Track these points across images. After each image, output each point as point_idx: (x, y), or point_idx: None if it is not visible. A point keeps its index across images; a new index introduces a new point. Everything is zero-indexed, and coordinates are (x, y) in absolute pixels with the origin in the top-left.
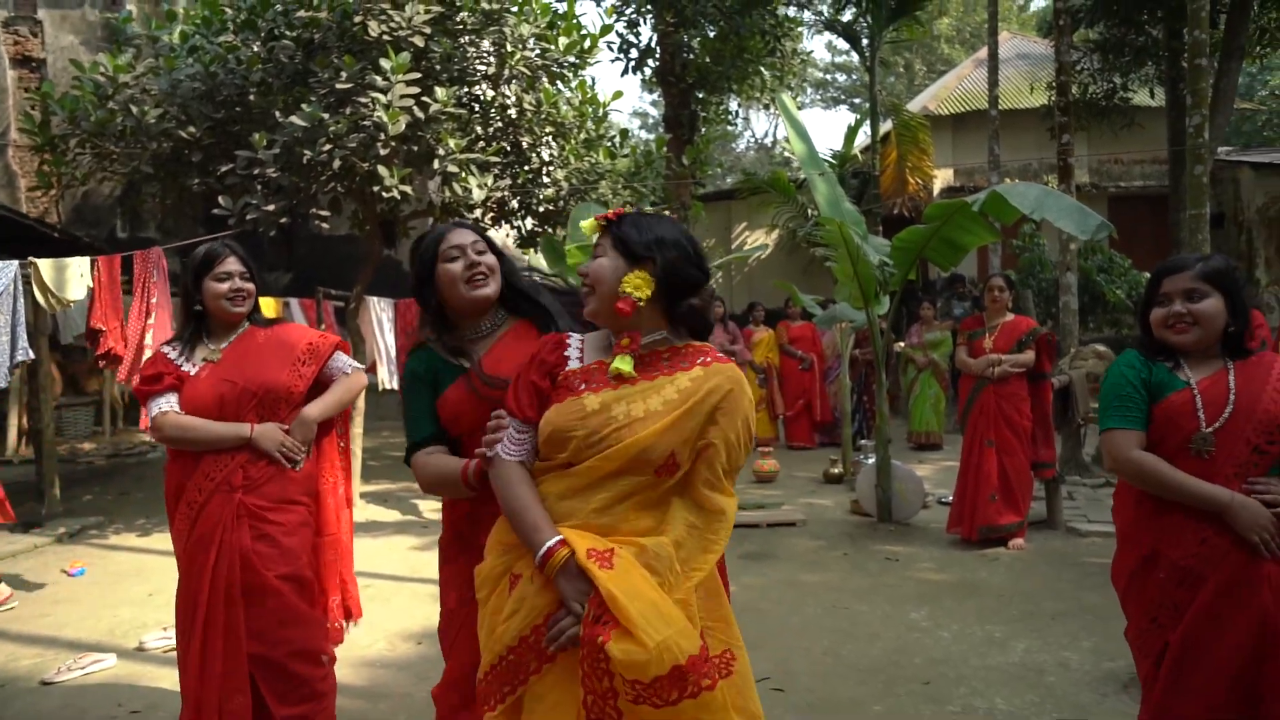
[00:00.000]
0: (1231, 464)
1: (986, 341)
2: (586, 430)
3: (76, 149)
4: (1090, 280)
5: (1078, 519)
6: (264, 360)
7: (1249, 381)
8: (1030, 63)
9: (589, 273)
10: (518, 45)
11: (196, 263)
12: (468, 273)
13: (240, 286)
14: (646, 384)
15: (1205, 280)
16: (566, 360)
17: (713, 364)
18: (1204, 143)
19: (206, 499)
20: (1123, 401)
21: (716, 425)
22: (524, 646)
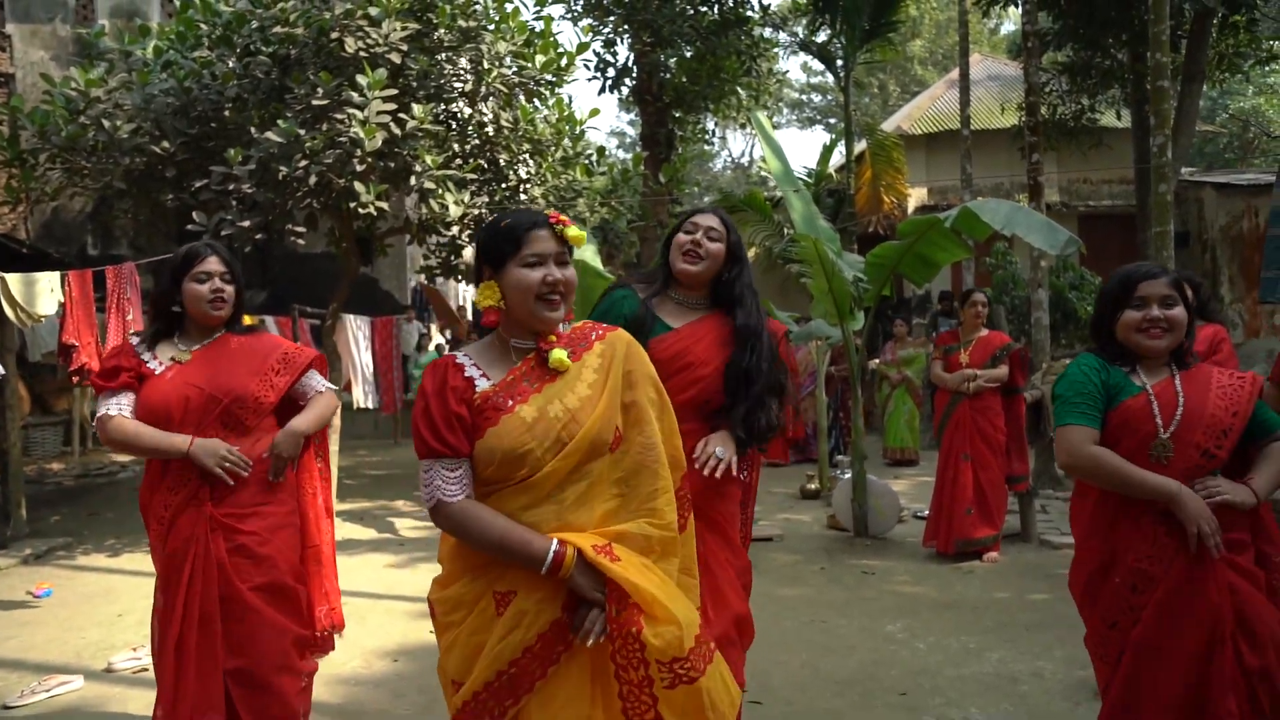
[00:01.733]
0: (1183, 467)
1: (962, 356)
2: (536, 439)
3: (46, 164)
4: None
5: (1050, 531)
6: (235, 367)
7: (1194, 387)
8: (1001, 84)
9: (568, 281)
10: (495, 63)
11: (176, 262)
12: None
13: (221, 289)
14: (564, 376)
15: (1177, 289)
16: (473, 382)
17: (606, 334)
18: (1167, 162)
19: (175, 514)
20: (1082, 399)
21: (632, 387)
22: (528, 657)
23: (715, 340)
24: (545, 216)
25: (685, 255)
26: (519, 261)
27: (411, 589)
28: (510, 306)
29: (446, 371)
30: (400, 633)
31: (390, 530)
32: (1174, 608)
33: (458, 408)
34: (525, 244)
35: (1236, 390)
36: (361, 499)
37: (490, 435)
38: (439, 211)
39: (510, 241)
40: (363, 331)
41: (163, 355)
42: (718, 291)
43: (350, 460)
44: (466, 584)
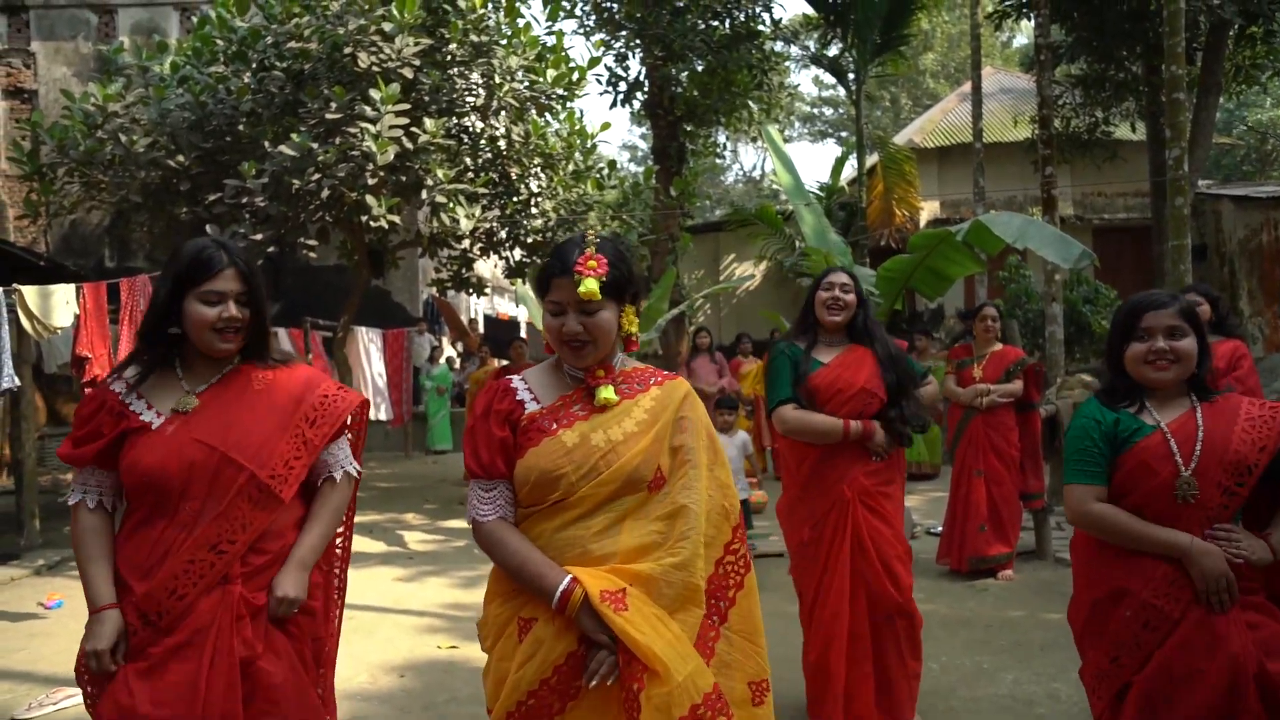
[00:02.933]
0: (1203, 508)
1: (975, 371)
2: (573, 464)
3: (65, 178)
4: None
5: (1066, 549)
6: (257, 416)
7: (1217, 422)
8: (1014, 97)
9: (593, 329)
10: (506, 77)
11: (181, 268)
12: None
13: (233, 317)
14: (615, 409)
15: (1184, 318)
16: (522, 405)
17: (665, 382)
18: (1184, 175)
19: (193, 599)
20: (1081, 455)
21: (683, 432)
22: (545, 689)
23: (859, 367)
24: (572, 259)
25: (828, 308)
26: (545, 305)
27: (419, 603)
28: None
29: (495, 394)
30: (407, 648)
31: (399, 544)
32: (1192, 659)
33: (499, 431)
34: (549, 290)
35: (1267, 424)
36: (371, 512)
37: (530, 455)
38: (450, 225)
39: (540, 284)
40: (374, 343)
41: (158, 399)
42: (852, 329)
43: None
44: (498, 607)
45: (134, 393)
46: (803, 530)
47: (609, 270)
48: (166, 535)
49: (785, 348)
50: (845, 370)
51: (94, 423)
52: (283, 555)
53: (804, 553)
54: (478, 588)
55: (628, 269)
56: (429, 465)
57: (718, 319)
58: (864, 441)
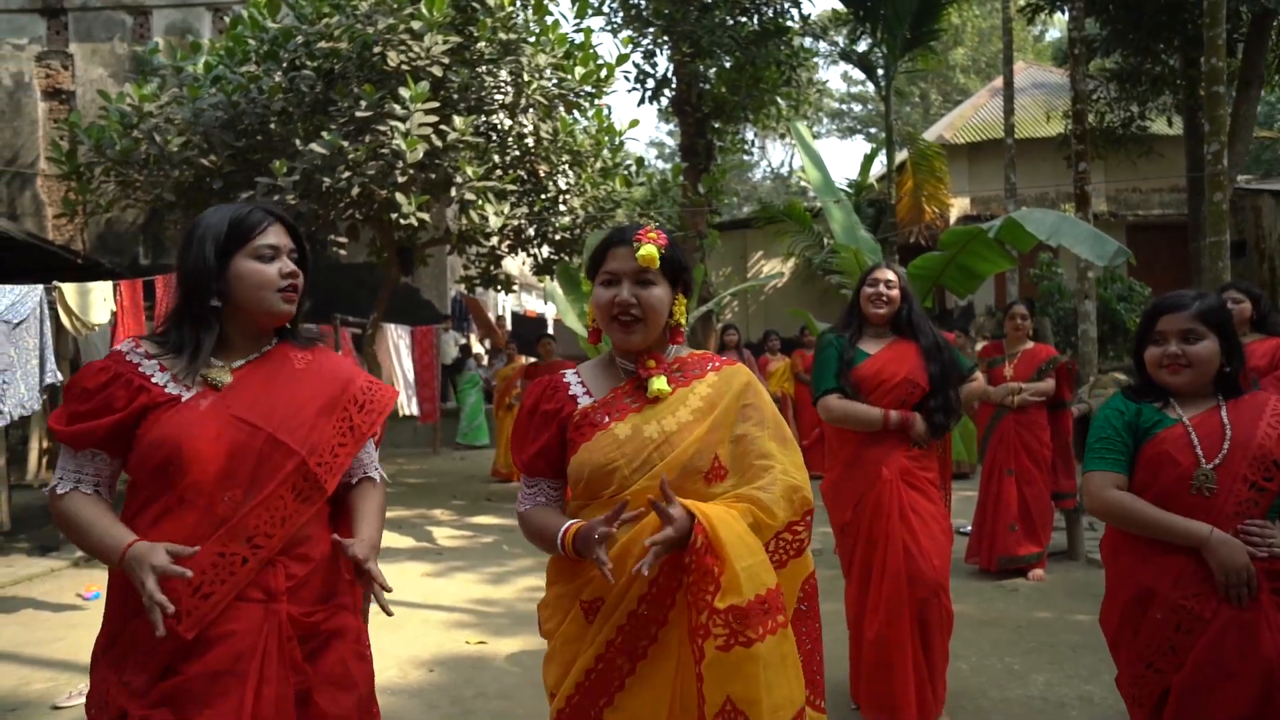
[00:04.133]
0: (1232, 502)
1: (1006, 369)
2: (625, 457)
3: (101, 177)
4: (1109, 309)
5: (1099, 549)
6: (303, 395)
7: (1242, 417)
8: (1046, 92)
9: (646, 302)
10: (535, 75)
11: (220, 232)
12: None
13: (295, 270)
14: (668, 399)
15: (1202, 321)
16: (574, 400)
17: (723, 367)
18: (1223, 170)
19: (219, 599)
20: (1103, 444)
21: (746, 420)
22: (612, 650)
23: (902, 359)
24: (632, 232)
25: (872, 302)
26: (598, 280)
27: (448, 598)
28: (600, 325)
29: (544, 391)
30: (436, 643)
31: (428, 539)
32: (1225, 658)
33: (544, 432)
34: (605, 260)
35: None
36: (400, 507)
37: (582, 450)
38: (479, 222)
39: (594, 261)
40: (404, 340)
41: (191, 376)
42: (896, 322)
43: (389, 468)
44: (559, 590)
45: (156, 363)
46: (846, 511)
47: (668, 246)
48: (197, 529)
49: (833, 339)
50: (889, 362)
51: (103, 395)
52: (324, 563)
53: (847, 532)
54: (506, 584)
55: (683, 255)
56: (457, 462)
57: (745, 316)
58: (904, 430)
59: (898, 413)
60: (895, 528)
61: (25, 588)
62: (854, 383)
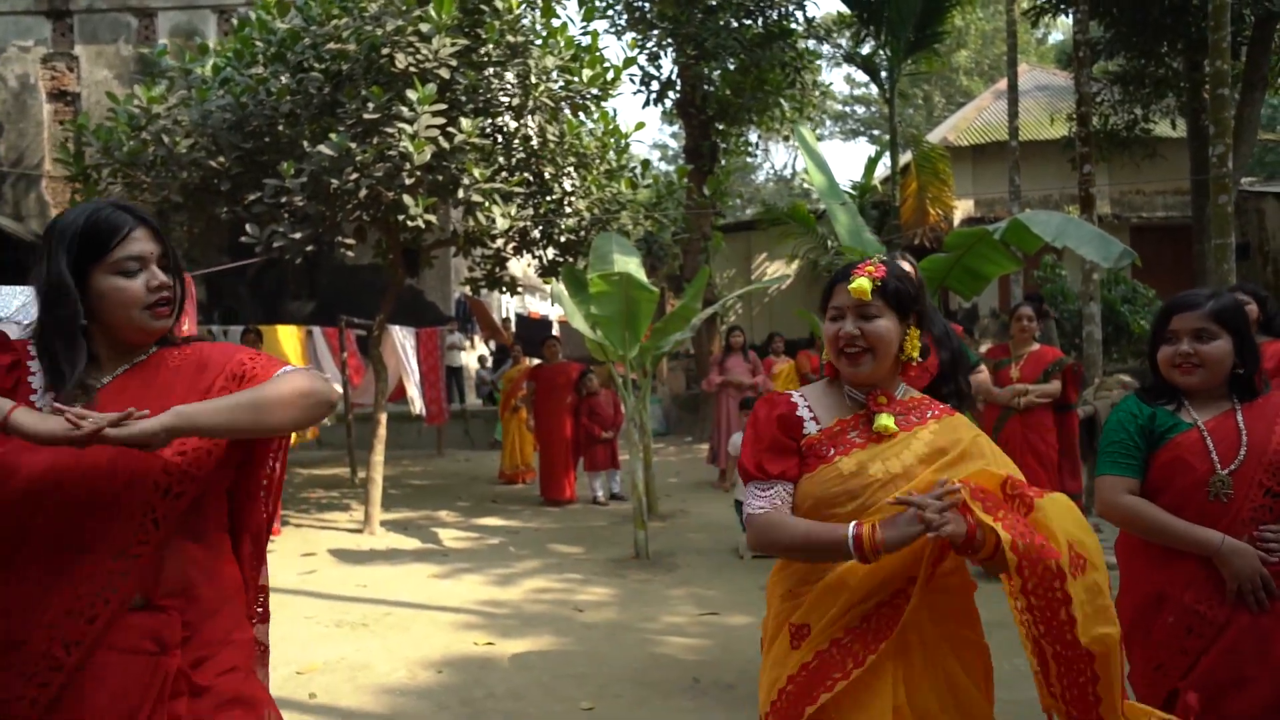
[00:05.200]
0: (1248, 508)
1: (1013, 371)
2: (848, 493)
3: (108, 179)
4: (1114, 311)
5: (1106, 552)
6: (178, 394)
7: (1257, 422)
8: (1049, 94)
9: (871, 334)
10: (541, 77)
11: (75, 238)
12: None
13: (165, 282)
14: (894, 440)
15: (1215, 320)
16: (801, 424)
17: (943, 415)
18: (1227, 172)
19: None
20: (1116, 448)
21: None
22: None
23: None
24: (850, 270)
25: None
26: (827, 315)
27: (455, 599)
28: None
29: (780, 405)
30: (443, 644)
31: (434, 541)
32: (1240, 662)
33: (783, 437)
34: (831, 296)
35: None
36: (405, 509)
37: (805, 481)
38: (485, 224)
39: (824, 294)
40: (409, 341)
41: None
42: None
43: (394, 470)
44: (776, 608)
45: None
46: None
47: (887, 277)
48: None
49: None
50: None
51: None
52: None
53: None
54: (513, 585)
55: (912, 287)
56: (462, 463)
57: (750, 318)
58: None
59: None
60: None
61: None
62: None
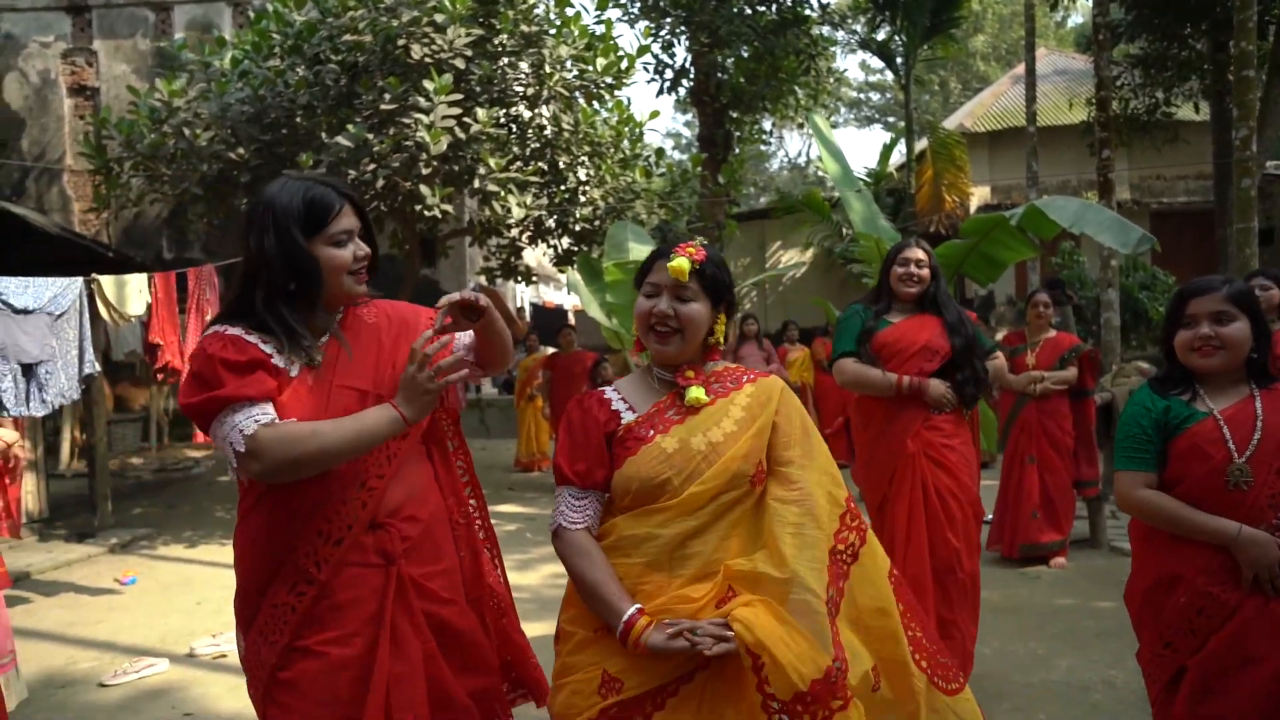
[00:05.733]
0: (1265, 494)
1: (1029, 358)
2: (675, 469)
3: (130, 172)
4: (1132, 297)
5: (1121, 538)
6: (387, 354)
7: (1275, 408)
8: (1068, 79)
9: (684, 316)
10: (556, 67)
11: (298, 215)
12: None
13: (367, 253)
14: (709, 410)
15: (1233, 303)
16: (618, 415)
17: (758, 379)
18: (1251, 156)
19: (330, 575)
20: (1132, 442)
21: (778, 429)
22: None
23: (922, 328)
24: (671, 248)
25: (904, 282)
26: (642, 292)
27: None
28: (639, 335)
29: (591, 404)
30: None
31: None
32: (1250, 643)
33: (594, 439)
34: (650, 272)
35: None
36: None
37: (628, 464)
38: (501, 214)
39: (641, 269)
40: None
41: (287, 352)
42: (923, 299)
43: None
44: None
45: (259, 337)
46: (880, 489)
47: (705, 261)
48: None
49: (859, 309)
50: (910, 330)
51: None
52: (435, 522)
53: (885, 509)
54: (531, 570)
55: (727, 276)
56: (477, 451)
57: (764, 306)
58: (918, 397)
59: (910, 378)
60: (917, 503)
61: (65, 572)
62: (875, 348)
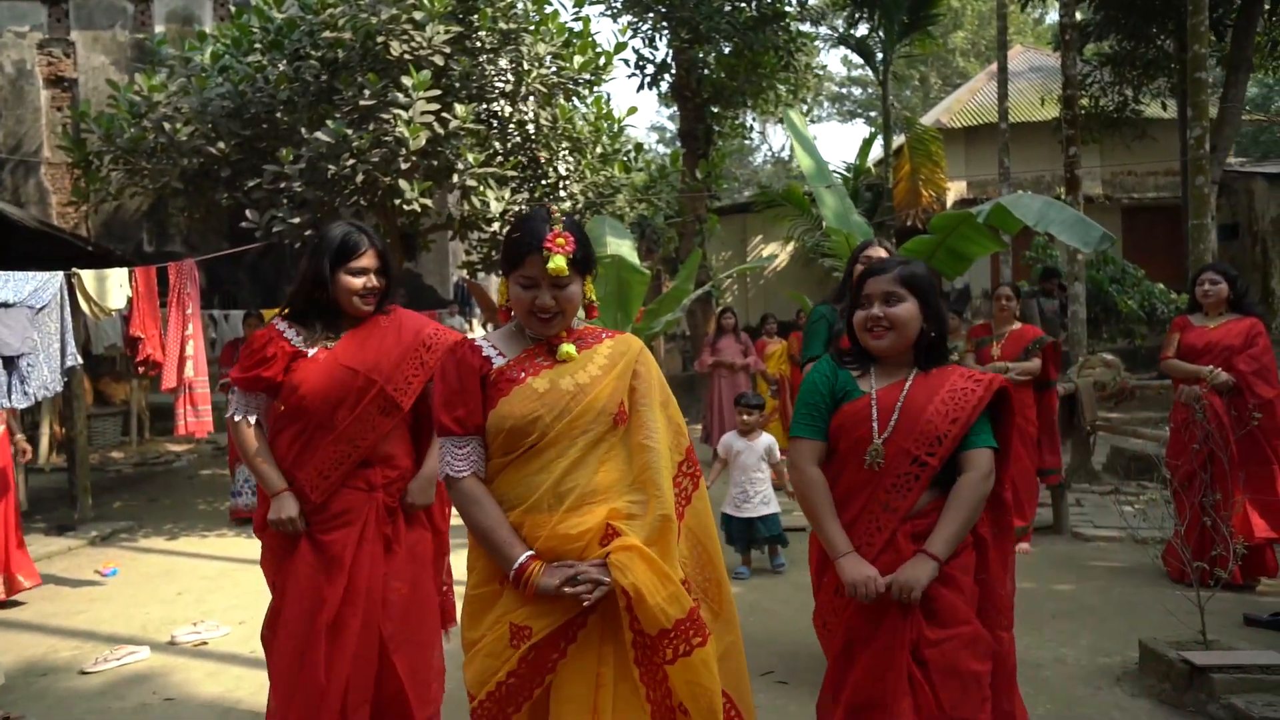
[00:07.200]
0: (891, 475)
1: (994, 349)
2: (546, 407)
3: (110, 165)
4: (1102, 291)
5: (1084, 524)
6: (384, 347)
7: (921, 391)
8: (1043, 75)
9: (565, 300)
10: (534, 63)
11: (332, 249)
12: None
13: (375, 286)
14: (575, 360)
15: (902, 284)
16: (489, 360)
17: (616, 336)
18: (1205, 154)
19: (337, 481)
20: (808, 410)
21: (639, 376)
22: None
23: None
24: (541, 240)
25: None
26: (515, 279)
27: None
28: (513, 311)
29: (461, 352)
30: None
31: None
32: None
33: (470, 384)
34: (521, 265)
35: (965, 395)
36: None
37: (502, 404)
38: (480, 208)
39: (510, 259)
40: None
41: (308, 337)
42: None
43: None
44: (484, 595)
45: (294, 329)
46: None
47: (576, 248)
48: (321, 437)
49: (825, 311)
50: None
51: (266, 351)
52: (407, 474)
53: None
54: None
55: (589, 244)
56: None
57: (745, 299)
58: None
59: None
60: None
61: (45, 565)
62: None
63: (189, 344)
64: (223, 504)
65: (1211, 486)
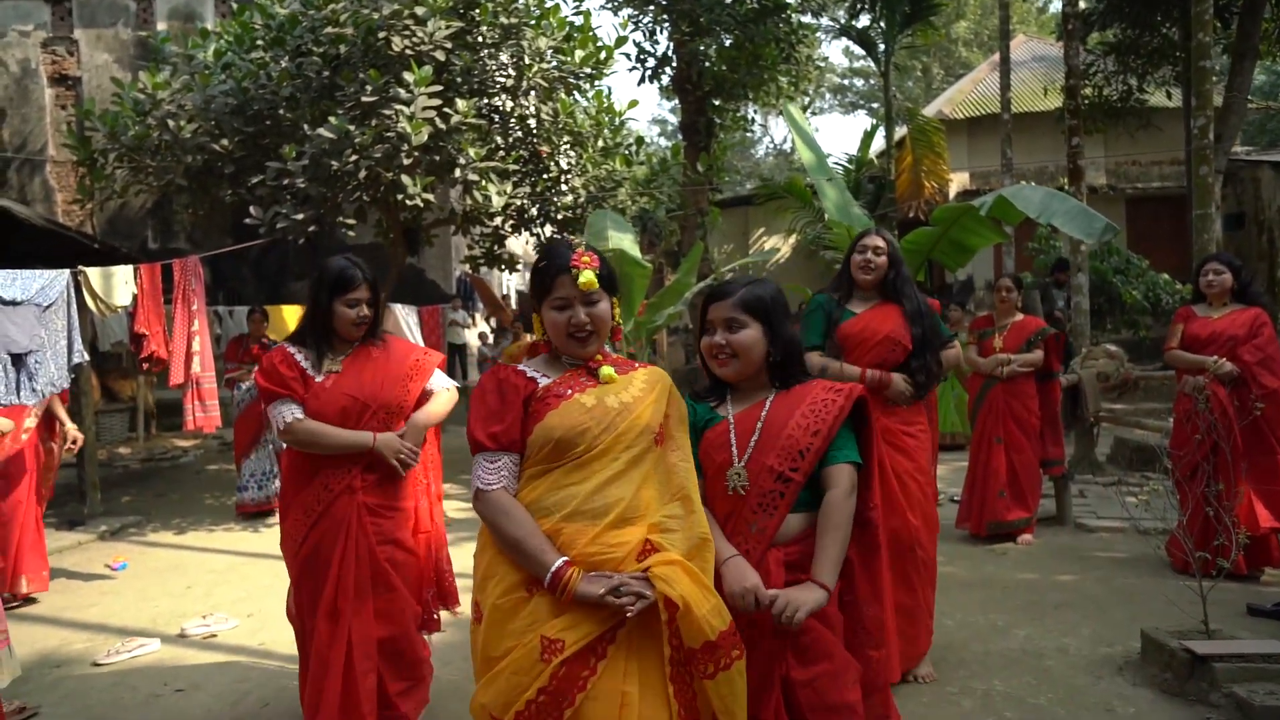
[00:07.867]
0: (756, 494)
1: (996, 341)
2: (594, 420)
3: (114, 163)
4: (1106, 282)
5: (1087, 515)
6: (380, 376)
7: (782, 408)
8: (1047, 65)
9: (598, 319)
10: (535, 58)
11: (330, 282)
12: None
13: (366, 315)
14: (616, 381)
15: (744, 309)
16: (534, 380)
17: (646, 366)
18: (1209, 144)
19: (327, 506)
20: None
21: (672, 403)
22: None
23: (885, 318)
24: (568, 261)
25: (861, 269)
26: (549, 304)
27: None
28: (550, 338)
29: (504, 373)
30: None
31: None
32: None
33: (512, 401)
34: (554, 288)
35: (825, 406)
36: None
37: (550, 416)
38: (482, 202)
39: (540, 286)
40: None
41: (322, 367)
42: (884, 287)
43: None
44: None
45: (309, 362)
46: None
47: (602, 264)
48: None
49: (823, 300)
50: (872, 321)
51: (293, 370)
52: (384, 476)
53: None
54: None
55: (610, 265)
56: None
57: None
58: (881, 390)
59: (875, 372)
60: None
61: (56, 559)
62: (838, 341)
63: (195, 340)
64: (229, 499)
65: (1215, 477)
